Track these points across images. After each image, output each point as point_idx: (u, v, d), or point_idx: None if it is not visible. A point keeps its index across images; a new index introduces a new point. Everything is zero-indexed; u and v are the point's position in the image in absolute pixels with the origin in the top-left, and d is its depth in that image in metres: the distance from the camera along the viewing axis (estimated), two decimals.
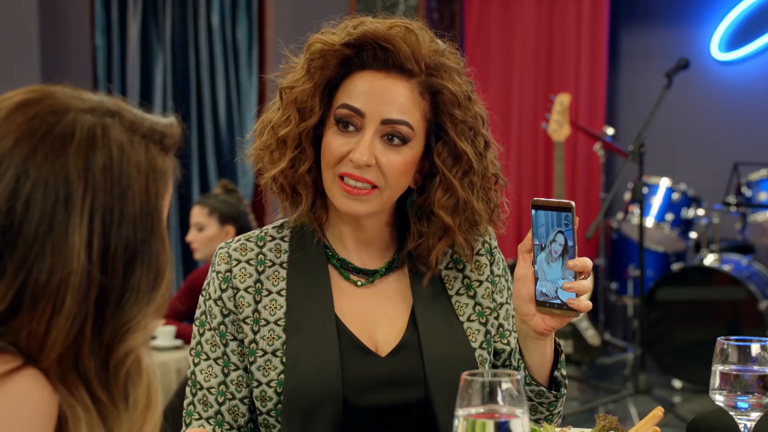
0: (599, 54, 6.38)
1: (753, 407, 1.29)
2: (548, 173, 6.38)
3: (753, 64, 6.31)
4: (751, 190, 5.44)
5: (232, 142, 6.19)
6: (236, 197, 3.89)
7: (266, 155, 1.50)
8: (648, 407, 2.75)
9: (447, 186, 1.49)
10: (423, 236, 1.52)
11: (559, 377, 1.51)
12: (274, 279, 1.51)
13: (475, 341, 1.54)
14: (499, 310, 1.58)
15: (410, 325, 1.51)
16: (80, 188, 0.89)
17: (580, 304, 1.36)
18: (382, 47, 1.45)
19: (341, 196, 1.46)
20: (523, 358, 1.48)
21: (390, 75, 1.46)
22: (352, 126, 1.45)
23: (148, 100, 6.19)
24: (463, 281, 1.58)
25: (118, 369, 0.91)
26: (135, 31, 6.15)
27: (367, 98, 1.45)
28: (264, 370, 1.47)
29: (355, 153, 1.43)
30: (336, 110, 1.46)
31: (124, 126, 0.95)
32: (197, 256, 3.86)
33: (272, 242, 1.54)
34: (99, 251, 0.89)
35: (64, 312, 0.87)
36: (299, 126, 1.46)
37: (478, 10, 6.57)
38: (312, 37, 1.49)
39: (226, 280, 1.50)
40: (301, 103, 1.46)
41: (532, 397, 1.51)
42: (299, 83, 1.47)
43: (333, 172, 1.46)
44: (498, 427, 0.95)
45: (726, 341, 1.31)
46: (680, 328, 5.31)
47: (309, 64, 1.46)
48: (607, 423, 1.40)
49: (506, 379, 0.96)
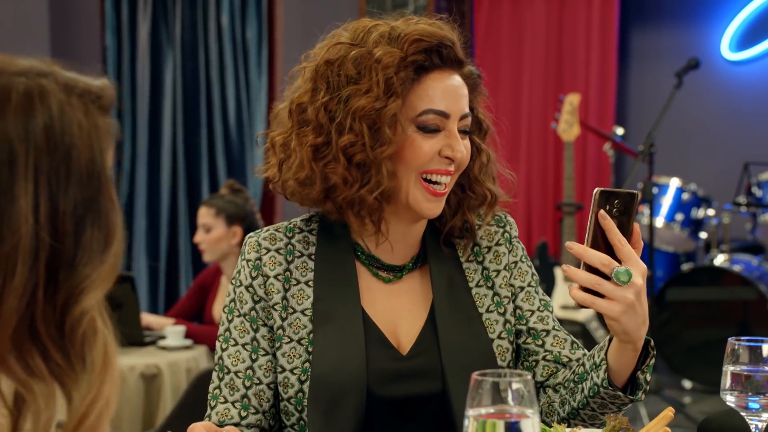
0: (609, 54, 6.37)
1: (764, 408, 1.28)
2: (558, 173, 6.38)
3: (763, 64, 6.29)
4: (762, 190, 5.42)
5: (241, 142, 6.19)
6: (243, 197, 3.89)
7: (338, 181, 1.47)
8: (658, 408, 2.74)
9: (484, 159, 1.58)
10: (458, 213, 1.57)
11: (640, 379, 1.44)
12: (302, 269, 1.55)
13: (494, 332, 1.56)
14: (519, 294, 1.61)
15: (429, 319, 1.54)
16: (23, 151, 0.86)
17: (570, 290, 1.35)
18: (446, 46, 1.50)
19: (426, 200, 1.49)
20: (607, 358, 1.44)
21: (453, 71, 1.52)
22: (437, 128, 1.49)
23: (157, 100, 6.20)
24: (482, 273, 1.60)
25: (74, 331, 0.89)
26: (145, 32, 6.16)
27: (447, 99, 1.49)
28: (289, 357, 1.50)
29: (455, 152, 1.48)
30: (420, 117, 1.48)
31: (60, 86, 0.92)
32: (206, 258, 3.86)
33: (300, 234, 1.57)
34: (47, 214, 0.86)
35: (16, 279, 0.85)
36: (394, 146, 1.46)
37: (487, 10, 6.57)
38: (374, 53, 1.46)
39: (256, 267, 1.53)
40: (393, 123, 1.46)
41: (607, 402, 1.46)
42: (381, 102, 1.45)
43: (416, 172, 1.49)
44: (508, 427, 0.95)
45: (737, 342, 1.31)
46: (690, 329, 5.30)
47: (388, 80, 1.45)
48: (617, 423, 1.40)
49: (517, 379, 0.96)
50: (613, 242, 1.32)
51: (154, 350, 3.48)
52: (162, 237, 6.20)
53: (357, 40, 1.50)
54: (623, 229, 1.33)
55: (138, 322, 3.50)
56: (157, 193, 6.20)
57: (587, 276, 1.32)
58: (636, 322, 1.34)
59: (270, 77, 6.14)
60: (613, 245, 1.32)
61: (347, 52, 1.48)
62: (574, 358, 1.58)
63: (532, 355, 1.59)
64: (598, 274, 1.32)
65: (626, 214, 1.33)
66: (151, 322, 3.69)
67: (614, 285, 1.31)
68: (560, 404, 1.53)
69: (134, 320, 3.49)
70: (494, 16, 6.57)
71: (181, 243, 6.19)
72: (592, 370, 1.45)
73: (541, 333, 1.59)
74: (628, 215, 1.33)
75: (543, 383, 1.59)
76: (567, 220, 5.12)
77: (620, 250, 1.32)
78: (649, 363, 1.43)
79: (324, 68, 1.49)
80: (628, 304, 1.32)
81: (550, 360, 1.58)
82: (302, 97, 1.51)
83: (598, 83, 6.37)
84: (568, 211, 5.12)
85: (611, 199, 1.33)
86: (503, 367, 1.55)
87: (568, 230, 5.09)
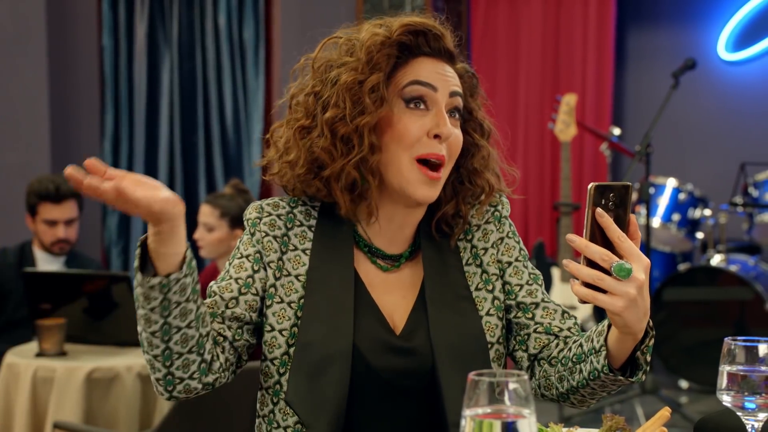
0: (606, 54, 6.37)
1: (760, 408, 1.28)
2: (555, 173, 6.38)
3: (760, 65, 6.30)
4: (758, 190, 5.43)
5: (238, 142, 6.19)
6: (246, 198, 3.89)
7: (323, 155, 1.51)
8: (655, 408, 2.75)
9: (485, 154, 1.60)
10: (452, 201, 1.59)
11: (640, 360, 1.43)
12: (300, 238, 1.57)
13: (482, 309, 1.58)
14: (506, 269, 1.63)
15: (420, 300, 1.56)
16: None
17: (572, 286, 1.35)
18: (435, 35, 1.53)
19: (421, 183, 1.51)
20: (607, 344, 1.44)
21: (443, 61, 1.55)
22: (423, 104, 1.51)
23: (155, 101, 6.20)
24: (471, 251, 1.63)
25: None
26: (142, 32, 6.16)
27: (435, 77, 1.52)
28: (278, 318, 1.52)
29: (441, 127, 1.49)
30: (405, 89, 1.51)
31: None
32: (203, 254, 3.86)
33: (303, 207, 1.60)
34: None
35: None
36: (374, 115, 1.49)
37: (484, 10, 6.57)
38: (364, 33, 1.53)
39: (254, 225, 1.57)
40: (373, 94, 1.49)
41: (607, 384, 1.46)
42: (363, 75, 1.50)
43: (410, 154, 1.50)
44: (505, 427, 0.95)
45: (733, 341, 1.31)
46: (687, 329, 5.30)
47: (371, 55, 1.50)
48: (614, 423, 1.40)
49: (513, 379, 0.96)
50: (613, 239, 1.31)
51: None
52: None
53: (351, 33, 1.56)
54: (620, 221, 1.33)
55: (135, 322, 3.49)
56: None
57: (589, 271, 1.31)
58: (637, 315, 1.33)
59: (267, 78, 6.14)
60: (613, 241, 1.31)
61: (340, 44, 1.55)
62: (565, 327, 1.59)
63: (524, 329, 1.60)
64: (598, 269, 1.32)
65: (622, 206, 1.33)
66: None
67: (616, 280, 1.30)
68: (558, 380, 1.54)
69: (131, 320, 3.48)
70: (491, 16, 6.57)
71: None
72: (591, 354, 1.45)
73: (531, 306, 1.60)
74: (624, 207, 1.34)
75: (537, 355, 1.60)
76: (564, 221, 5.13)
77: (620, 245, 1.31)
78: (649, 343, 1.42)
79: (318, 62, 1.56)
80: (630, 299, 1.31)
81: (542, 332, 1.59)
82: (297, 90, 1.58)
83: (594, 83, 6.38)
84: (565, 211, 5.13)
85: (606, 192, 1.33)
86: (492, 343, 1.56)
87: (565, 230, 5.09)
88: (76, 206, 3.92)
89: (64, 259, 3.98)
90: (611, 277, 1.31)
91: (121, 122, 6.20)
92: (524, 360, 1.61)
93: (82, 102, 6.04)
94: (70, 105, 5.94)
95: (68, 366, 3.21)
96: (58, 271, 3.85)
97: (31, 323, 3.51)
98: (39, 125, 5.68)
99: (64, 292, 3.53)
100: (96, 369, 3.21)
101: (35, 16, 5.66)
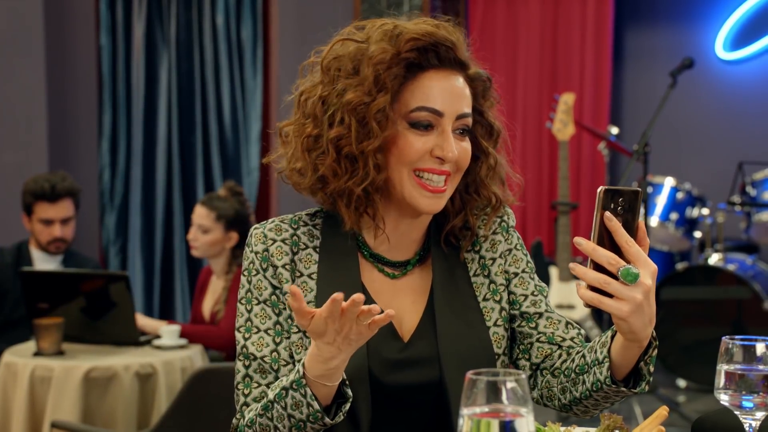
0: (604, 53, 6.37)
1: (758, 407, 1.28)
2: (553, 172, 6.38)
3: (758, 64, 6.31)
4: (756, 189, 5.43)
5: (236, 141, 6.19)
6: (241, 200, 3.90)
7: (328, 173, 1.50)
8: (653, 407, 2.75)
9: (492, 162, 1.60)
10: (461, 213, 1.59)
11: (643, 371, 1.44)
12: (306, 262, 1.56)
13: (490, 320, 1.58)
14: (512, 279, 1.63)
15: (428, 309, 1.56)
16: None
17: (578, 289, 1.34)
18: (445, 46, 1.51)
19: (423, 196, 1.50)
20: (610, 355, 1.44)
21: (453, 71, 1.52)
22: (430, 126, 1.50)
23: (152, 100, 6.19)
24: (479, 261, 1.63)
25: None
26: (140, 31, 6.15)
27: (442, 98, 1.50)
28: (296, 347, 1.52)
29: (445, 151, 1.48)
30: (412, 114, 1.49)
31: None
32: (195, 253, 3.87)
33: (305, 227, 1.59)
34: None
35: None
36: (380, 138, 1.47)
37: (482, 9, 6.57)
38: (370, 49, 1.49)
39: (265, 259, 1.55)
40: (379, 115, 1.47)
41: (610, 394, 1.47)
42: (370, 97, 1.47)
43: (409, 168, 1.50)
44: (503, 426, 0.95)
45: (731, 341, 1.31)
46: (685, 328, 5.31)
47: (378, 74, 1.47)
48: (611, 422, 1.40)
49: (511, 378, 0.96)
50: (620, 243, 1.30)
51: (149, 350, 3.48)
52: (157, 236, 6.19)
53: (363, 37, 1.53)
54: (628, 226, 1.32)
55: (133, 321, 3.49)
56: (152, 192, 6.20)
57: (595, 275, 1.30)
58: (643, 321, 1.32)
59: (265, 77, 6.13)
60: (621, 246, 1.30)
61: (349, 47, 1.52)
62: (568, 337, 1.60)
63: (527, 338, 1.61)
64: (605, 273, 1.31)
65: (631, 211, 1.32)
66: (145, 325, 3.68)
67: (622, 284, 1.29)
68: (560, 391, 1.54)
69: (129, 320, 3.49)
70: (489, 15, 6.57)
71: (176, 242, 6.18)
72: (594, 365, 1.45)
73: (534, 316, 1.61)
74: (632, 213, 1.32)
75: (539, 365, 1.61)
76: (562, 220, 5.12)
77: (628, 250, 1.30)
78: (652, 354, 1.42)
79: (327, 63, 1.53)
80: (637, 304, 1.30)
81: (544, 341, 1.59)
82: (306, 88, 1.55)
83: (592, 83, 6.38)
84: (563, 211, 5.13)
85: (616, 197, 1.32)
86: (499, 354, 1.57)
87: (563, 230, 5.09)
88: (72, 205, 3.92)
89: (61, 258, 3.98)
90: (618, 282, 1.30)
91: (119, 122, 6.19)
92: (526, 369, 1.62)
93: (80, 101, 6.03)
94: (68, 105, 5.94)
95: (66, 365, 3.21)
96: (55, 271, 3.85)
97: (29, 323, 3.51)
98: (36, 125, 5.67)
99: (62, 291, 3.53)
100: (94, 368, 3.21)
101: (33, 15, 5.65)
